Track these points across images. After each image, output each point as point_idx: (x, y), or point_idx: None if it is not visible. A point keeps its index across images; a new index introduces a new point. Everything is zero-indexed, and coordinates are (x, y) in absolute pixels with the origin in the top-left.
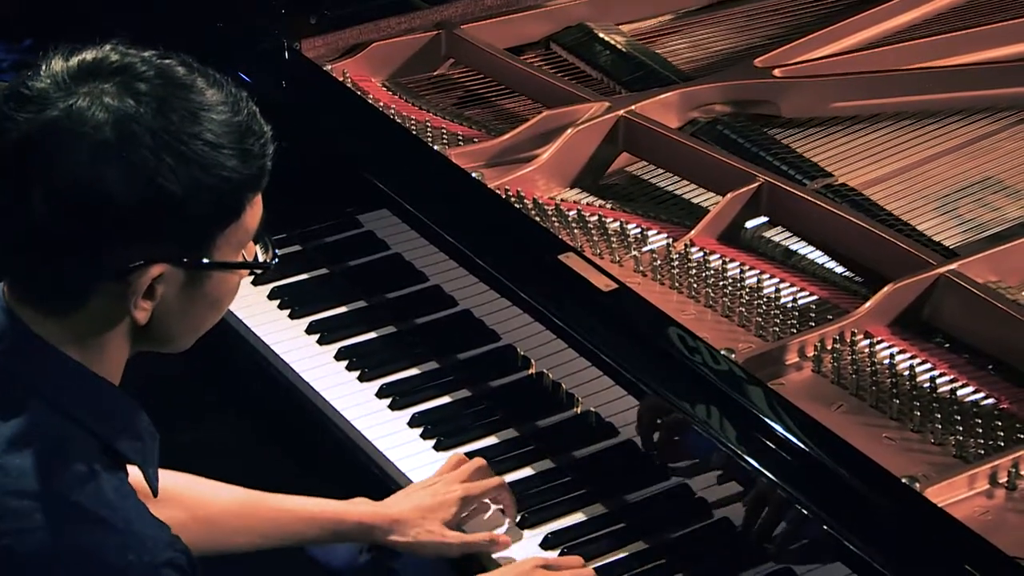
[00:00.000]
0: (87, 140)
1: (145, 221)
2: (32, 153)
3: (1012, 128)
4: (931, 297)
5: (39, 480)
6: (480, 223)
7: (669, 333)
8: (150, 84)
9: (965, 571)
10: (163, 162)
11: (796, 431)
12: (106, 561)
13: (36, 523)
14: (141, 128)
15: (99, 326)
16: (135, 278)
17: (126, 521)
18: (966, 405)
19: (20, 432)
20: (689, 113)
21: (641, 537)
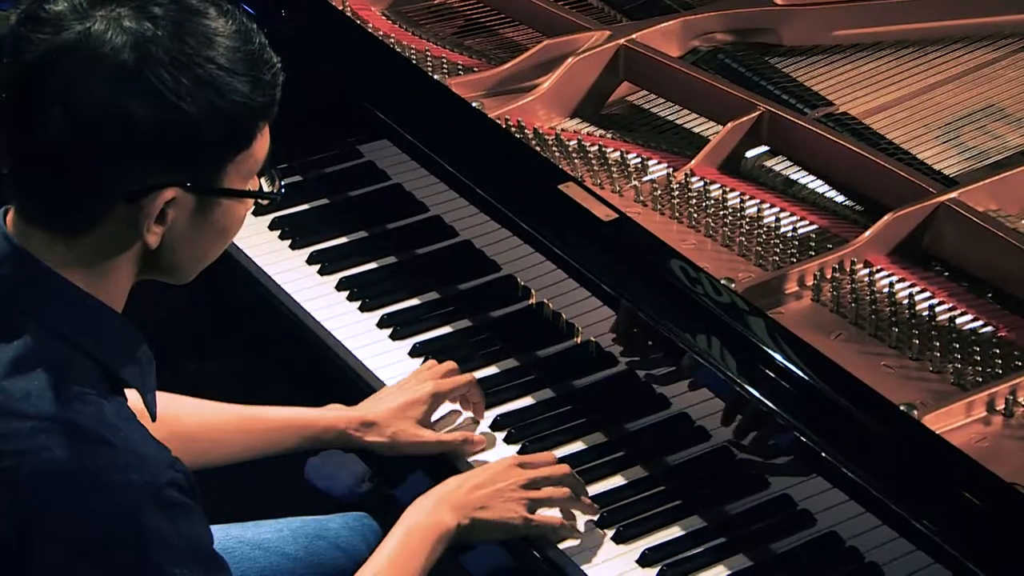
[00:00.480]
0: (105, 62)
1: (161, 143)
2: (49, 74)
3: (1014, 55)
4: (931, 226)
5: (41, 402)
6: (480, 153)
7: (669, 263)
8: (165, 8)
9: (962, 497)
10: (180, 84)
11: (795, 359)
12: (108, 480)
13: (38, 444)
14: (158, 50)
15: (107, 250)
16: (148, 201)
17: (127, 442)
18: (965, 333)
19: (22, 356)
20: (690, 42)
21: (640, 464)
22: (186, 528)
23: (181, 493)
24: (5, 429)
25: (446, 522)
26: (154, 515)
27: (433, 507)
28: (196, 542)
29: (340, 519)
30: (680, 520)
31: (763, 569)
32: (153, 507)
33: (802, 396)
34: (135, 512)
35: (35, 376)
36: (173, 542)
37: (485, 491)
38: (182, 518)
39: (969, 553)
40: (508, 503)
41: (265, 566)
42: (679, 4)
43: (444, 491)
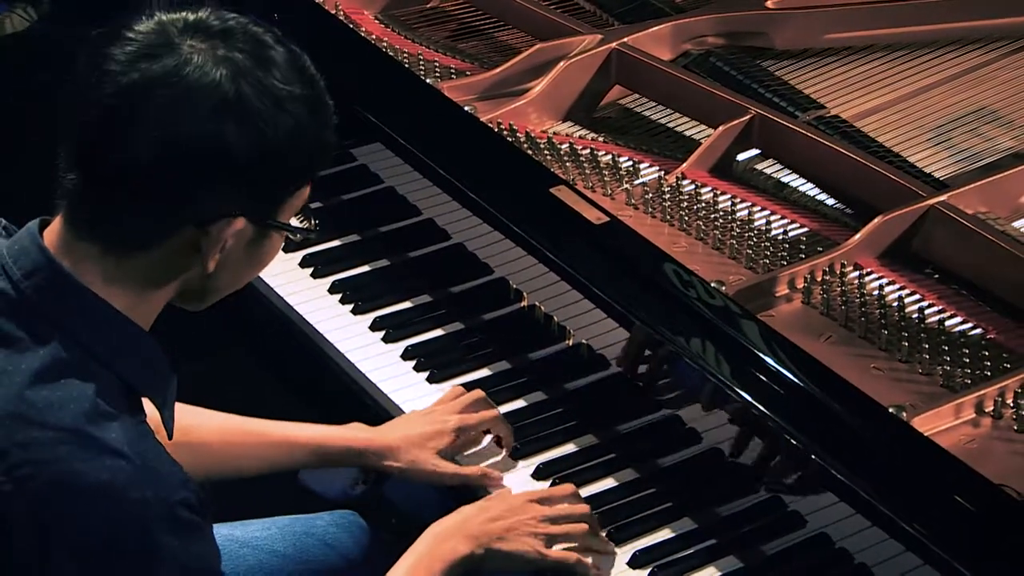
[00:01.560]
0: (207, 93)
1: (247, 173)
2: (146, 100)
3: (1006, 58)
4: (921, 228)
5: (63, 414)
6: (473, 157)
7: (660, 266)
8: (251, 45)
9: (951, 499)
10: (270, 117)
11: (785, 362)
12: (122, 495)
13: (57, 454)
14: (253, 85)
15: (157, 271)
16: (217, 228)
17: (144, 458)
18: (954, 335)
19: (47, 367)
20: (682, 45)
21: (631, 467)
22: (195, 547)
23: (192, 512)
24: (26, 438)
25: (459, 550)
26: (166, 532)
27: (448, 534)
28: (204, 561)
29: (329, 516)
30: (671, 522)
31: (754, 570)
32: (165, 524)
33: (792, 398)
34: (147, 528)
35: (58, 387)
36: (182, 560)
37: (503, 523)
38: (192, 537)
39: (958, 554)
40: (525, 536)
41: (254, 564)
42: (671, 8)
43: (460, 519)
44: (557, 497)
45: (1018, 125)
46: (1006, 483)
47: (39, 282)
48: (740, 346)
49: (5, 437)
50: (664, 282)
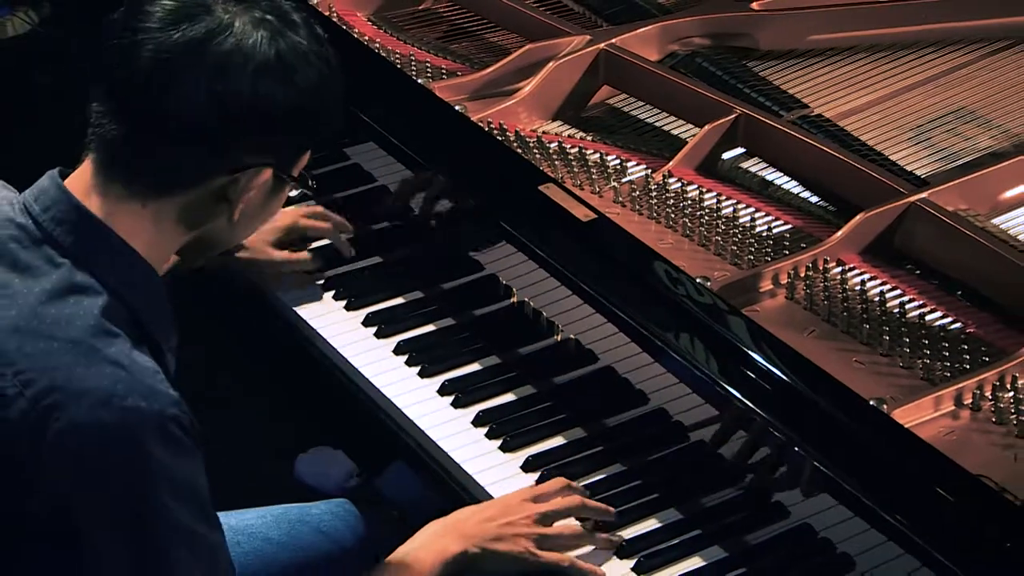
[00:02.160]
0: (253, 54)
1: (282, 126)
2: (197, 57)
3: (985, 60)
4: (902, 225)
5: (69, 328)
6: (463, 156)
7: (647, 262)
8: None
9: (930, 489)
10: (304, 74)
11: (769, 356)
12: (118, 401)
13: (61, 362)
14: (287, 44)
15: (183, 216)
16: (247, 177)
17: (142, 374)
18: (934, 329)
19: (58, 288)
20: (669, 46)
21: (618, 459)
22: (186, 466)
23: (184, 433)
24: (33, 349)
25: (452, 549)
26: (157, 444)
27: (442, 532)
28: (193, 484)
29: (323, 505)
30: (657, 512)
31: (738, 560)
32: (157, 436)
33: (775, 391)
34: (140, 436)
35: (67, 305)
36: (171, 475)
37: (497, 523)
38: (183, 456)
39: (937, 543)
40: (518, 537)
41: (248, 550)
42: (658, 9)
43: (456, 519)
44: (550, 492)
45: (996, 125)
46: (984, 473)
47: (56, 215)
48: (725, 340)
49: (16, 349)
50: (651, 278)
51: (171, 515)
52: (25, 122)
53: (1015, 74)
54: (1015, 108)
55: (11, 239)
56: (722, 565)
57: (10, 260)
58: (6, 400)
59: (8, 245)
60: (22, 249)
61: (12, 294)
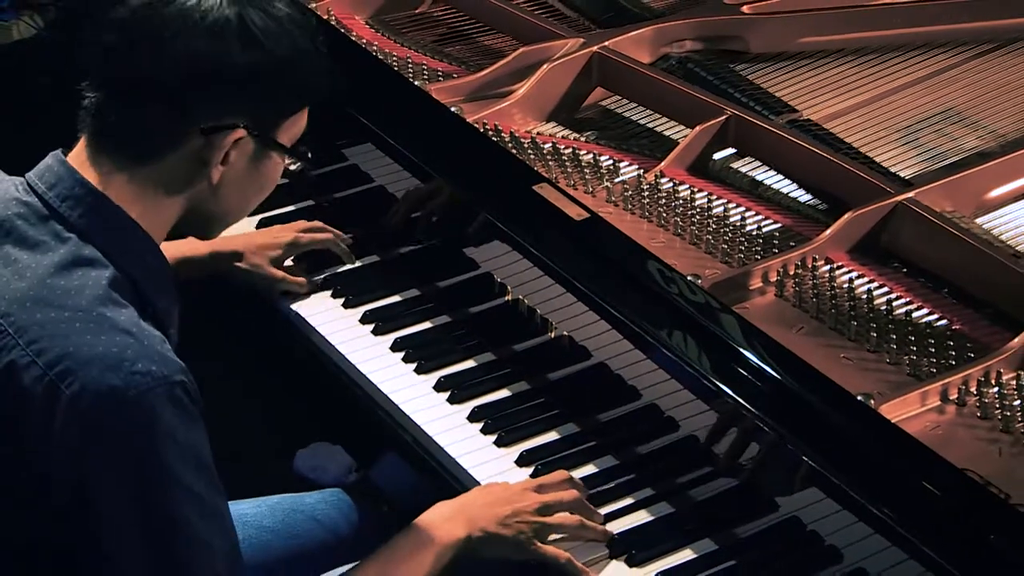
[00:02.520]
0: (207, 10)
1: (246, 85)
2: (156, 20)
3: (970, 62)
4: (889, 224)
5: (79, 298)
6: (459, 156)
7: (639, 260)
8: None
9: (917, 483)
10: (270, 35)
11: (759, 352)
12: (130, 367)
13: (71, 329)
14: (256, 5)
15: (167, 182)
16: (219, 138)
17: (149, 340)
18: (920, 326)
19: (66, 261)
20: (661, 49)
21: (611, 453)
22: (192, 433)
23: (190, 400)
24: (44, 318)
25: (457, 533)
26: (166, 407)
27: (449, 515)
28: (198, 450)
29: (317, 495)
30: (649, 506)
31: (728, 552)
32: (165, 400)
33: (764, 387)
34: (150, 399)
35: (75, 277)
36: (178, 439)
37: (501, 510)
38: (189, 422)
39: (924, 536)
40: (520, 524)
41: (244, 538)
42: (650, 13)
43: (461, 503)
44: (552, 484)
45: (981, 126)
46: (969, 467)
47: (61, 191)
48: (715, 337)
49: (27, 318)
50: (643, 276)
51: (179, 477)
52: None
53: (1000, 76)
54: (1000, 109)
55: (18, 216)
56: (713, 557)
57: (18, 236)
58: (20, 368)
59: (15, 223)
60: (29, 226)
61: (21, 268)
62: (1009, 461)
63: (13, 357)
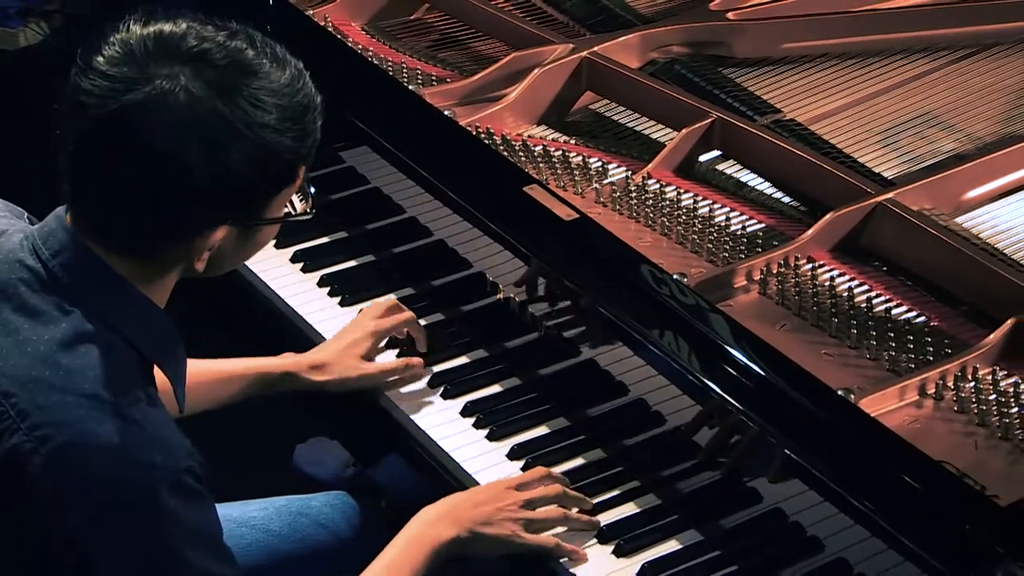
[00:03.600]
0: (169, 122)
1: (215, 192)
2: (119, 130)
3: (949, 67)
4: (870, 224)
5: (82, 380)
6: (453, 158)
7: (627, 259)
8: (222, 72)
9: (895, 475)
10: (233, 146)
11: (742, 349)
12: (135, 458)
13: (75, 416)
14: (215, 116)
15: (160, 268)
16: (202, 239)
17: (155, 426)
18: (899, 323)
19: (69, 337)
20: (648, 54)
21: (599, 447)
22: (199, 514)
23: (197, 482)
24: (46, 401)
25: (445, 535)
26: (172, 497)
27: (435, 519)
28: (207, 529)
29: (322, 498)
30: (636, 499)
31: (713, 542)
32: (171, 489)
33: (748, 382)
34: (155, 491)
35: (78, 356)
36: (186, 524)
37: (486, 508)
38: (196, 504)
39: (902, 527)
40: (506, 521)
41: (251, 542)
42: (638, 19)
43: (448, 506)
44: (533, 480)
45: (959, 129)
46: (946, 460)
47: (65, 260)
48: (701, 334)
49: (28, 400)
50: (630, 275)
51: (187, 562)
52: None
53: (978, 80)
54: (978, 113)
55: (21, 282)
56: (698, 547)
57: (19, 303)
58: (23, 454)
59: (19, 288)
60: (32, 293)
61: (23, 341)
62: (984, 454)
63: (15, 442)
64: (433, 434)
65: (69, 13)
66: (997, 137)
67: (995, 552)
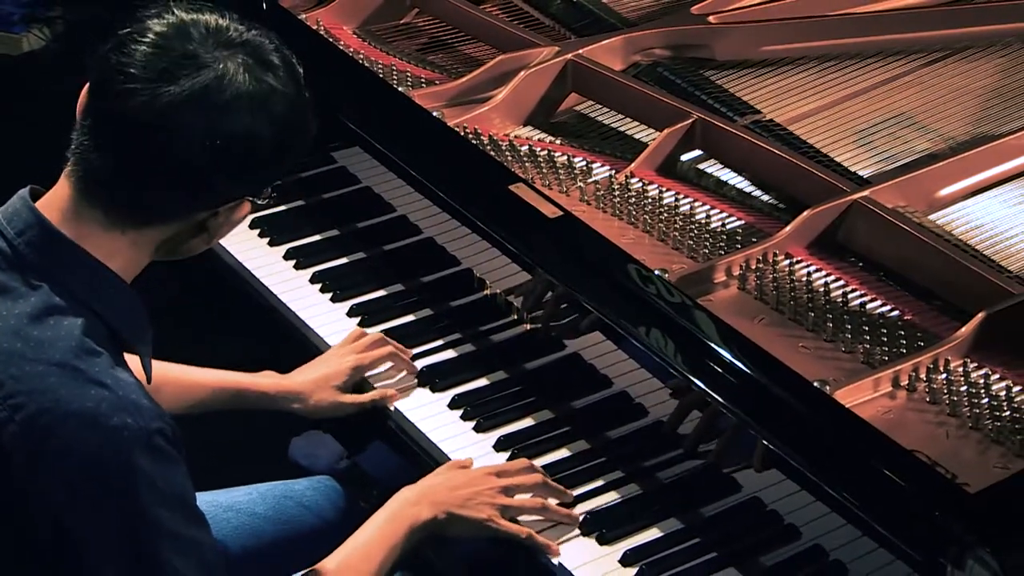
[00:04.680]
0: (241, 103)
1: (266, 165)
2: (187, 111)
3: (923, 69)
4: (845, 221)
5: (52, 350)
6: (441, 158)
7: (610, 256)
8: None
9: (869, 464)
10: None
11: (721, 342)
12: (104, 421)
13: (47, 385)
14: (272, 92)
15: (157, 243)
16: (227, 208)
17: (125, 390)
18: (874, 317)
19: (38, 310)
20: (632, 57)
21: (583, 438)
22: (171, 475)
23: (168, 443)
24: (19, 371)
25: (423, 515)
26: (144, 457)
27: (415, 499)
28: (180, 491)
29: (306, 482)
30: (619, 488)
31: (693, 530)
32: (143, 450)
33: (727, 374)
34: (127, 452)
35: (48, 327)
36: (159, 485)
37: (463, 491)
38: (168, 466)
39: (876, 514)
40: (482, 505)
41: (237, 526)
42: (622, 22)
43: (426, 487)
44: (514, 470)
45: (933, 129)
46: (919, 449)
47: (30, 238)
48: (681, 328)
49: (1, 371)
50: (614, 270)
51: (161, 522)
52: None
53: (951, 82)
54: (950, 113)
55: None
56: (678, 535)
57: None
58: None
59: None
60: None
61: None
62: (955, 443)
63: None
64: (422, 426)
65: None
66: (969, 137)
67: (965, 538)
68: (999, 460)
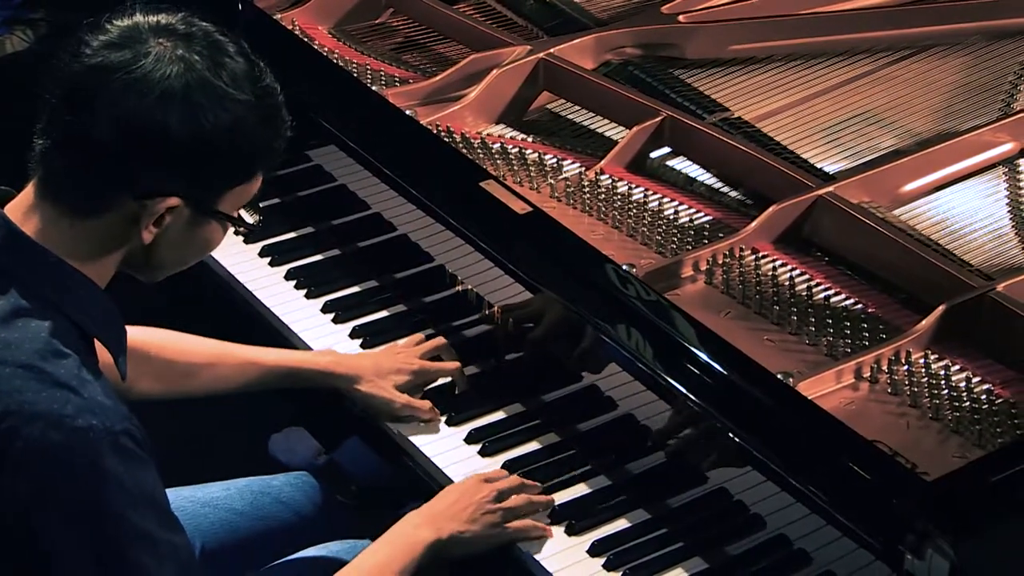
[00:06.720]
0: (157, 84)
1: (183, 157)
2: (107, 83)
3: (889, 67)
4: (810, 216)
5: (19, 353)
6: (414, 156)
7: (579, 251)
8: (206, 47)
9: (831, 454)
10: (212, 113)
11: (688, 336)
12: (70, 423)
13: (12, 387)
14: (200, 82)
15: (103, 239)
16: (153, 203)
17: (91, 392)
18: (838, 310)
19: (8, 312)
20: (603, 55)
21: (554, 431)
22: (140, 477)
23: (136, 445)
24: None
25: (426, 538)
26: (111, 458)
27: (419, 523)
28: (150, 492)
29: (283, 477)
30: (587, 479)
31: (660, 521)
32: (110, 451)
33: (693, 368)
34: (94, 453)
35: (15, 329)
36: (127, 486)
37: (464, 508)
38: (136, 466)
39: (838, 503)
40: (486, 515)
41: (214, 521)
42: (593, 22)
43: (428, 511)
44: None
45: (897, 126)
46: (880, 439)
47: None
48: (649, 322)
49: None
50: (583, 266)
51: (131, 524)
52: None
53: (914, 80)
54: (914, 109)
55: None
56: (646, 526)
57: None
58: None
59: None
60: None
61: None
62: (916, 433)
63: None
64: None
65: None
66: (933, 133)
67: (921, 524)
68: (958, 450)
